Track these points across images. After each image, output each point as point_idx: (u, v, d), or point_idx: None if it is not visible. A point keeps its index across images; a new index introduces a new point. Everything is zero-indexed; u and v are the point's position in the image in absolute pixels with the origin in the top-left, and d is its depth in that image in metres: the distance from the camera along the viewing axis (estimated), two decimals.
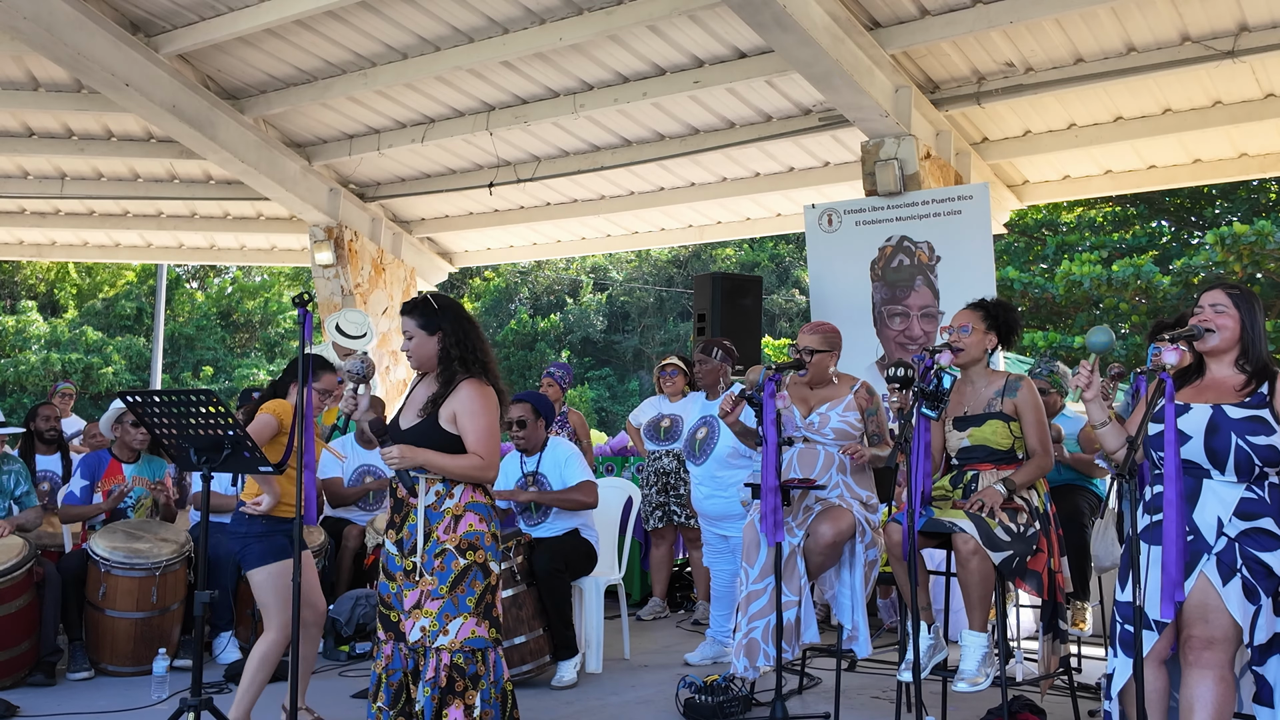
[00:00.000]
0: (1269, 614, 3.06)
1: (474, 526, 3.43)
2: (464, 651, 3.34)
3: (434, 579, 3.38)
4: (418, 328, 3.54)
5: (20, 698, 4.65)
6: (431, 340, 3.53)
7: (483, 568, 3.41)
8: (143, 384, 22.13)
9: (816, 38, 6.15)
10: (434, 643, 3.34)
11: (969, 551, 3.77)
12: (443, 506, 3.45)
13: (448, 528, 3.42)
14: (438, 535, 3.42)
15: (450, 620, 3.35)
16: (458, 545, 3.40)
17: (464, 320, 3.58)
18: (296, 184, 9.31)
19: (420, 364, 3.58)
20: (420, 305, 3.57)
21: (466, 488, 3.47)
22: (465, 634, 3.35)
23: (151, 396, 3.73)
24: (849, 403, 4.65)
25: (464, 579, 3.38)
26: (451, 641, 3.33)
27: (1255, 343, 3.20)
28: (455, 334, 3.52)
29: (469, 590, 3.37)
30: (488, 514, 3.48)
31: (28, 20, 6.75)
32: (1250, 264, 13.32)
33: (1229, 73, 6.77)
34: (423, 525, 3.44)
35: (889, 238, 7.25)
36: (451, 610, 3.35)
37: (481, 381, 3.50)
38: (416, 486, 3.47)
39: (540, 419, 5.46)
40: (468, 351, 3.51)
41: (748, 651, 4.43)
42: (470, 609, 3.36)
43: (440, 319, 3.53)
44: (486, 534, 3.45)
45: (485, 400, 3.48)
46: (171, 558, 5.25)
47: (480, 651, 3.38)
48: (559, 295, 29.37)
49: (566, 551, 5.18)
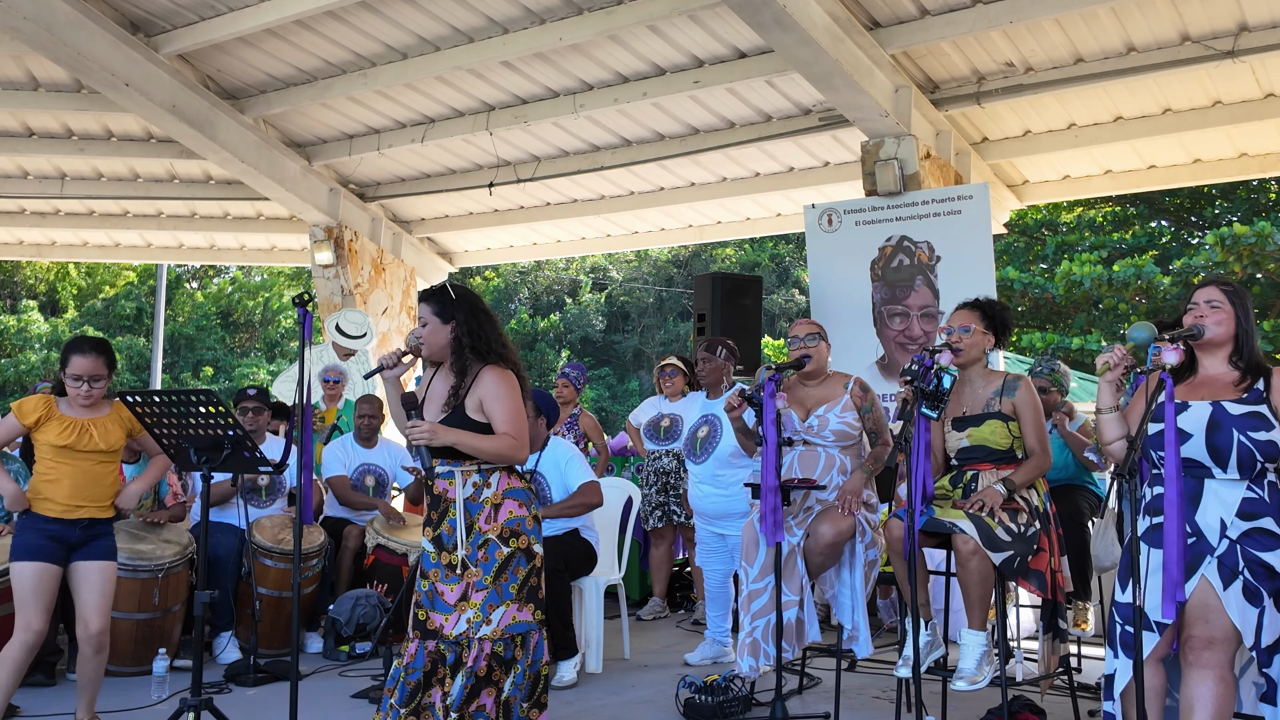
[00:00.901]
0: (1274, 615, 3.05)
1: (514, 513, 3.45)
2: (504, 639, 3.37)
3: (478, 570, 3.40)
4: (433, 314, 3.55)
5: (20, 698, 4.64)
6: (445, 329, 3.53)
7: (526, 553, 3.44)
8: (143, 384, 22.14)
9: (816, 38, 6.15)
10: (477, 634, 3.36)
11: (969, 551, 3.78)
12: (481, 497, 3.45)
13: (488, 517, 3.43)
14: (479, 526, 3.42)
15: (494, 610, 3.37)
16: (500, 534, 3.42)
17: (479, 310, 3.58)
18: (296, 184, 9.31)
19: (432, 352, 3.57)
20: (437, 293, 3.58)
21: (502, 475, 3.47)
22: (507, 621, 3.38)
23: (151, 397, 3.73)
24: (845, 403, 4.65)
25: (508, 566, 3.40)
26: (494, 630, 3.36)
27: (1248, 339, 3.22)
28: (468, 323, 3.53)
29: (513, 577, 3.40)
30: (526, 498, 3.50)
31: (28, 20, 6.75)
32: (1250, 264, 13.32)
33: (1229, 73, 6.77)
34: (463, 518, 3.43)
35: (889, 238, 7.25)
36: (495, 599, 3.38)
37: (502, 367, 3.51)
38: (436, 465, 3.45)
39: (541, 417, 5.45)
40: (479, 341, 3.52)
41: (752, 651, 4.44)
42: (513, 595, 3.39)
43: (455, 308, 3.54)
44: (528, 518, 3.47)
45: (508, 383, 3.49)
46: (174, 559, 5.25)
47: (521, 636, 3.40)
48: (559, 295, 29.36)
49: (566, 551, 5.18)
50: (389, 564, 5.91)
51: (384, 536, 6.00)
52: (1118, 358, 3.26)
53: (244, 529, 5.47)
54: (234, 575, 5.54)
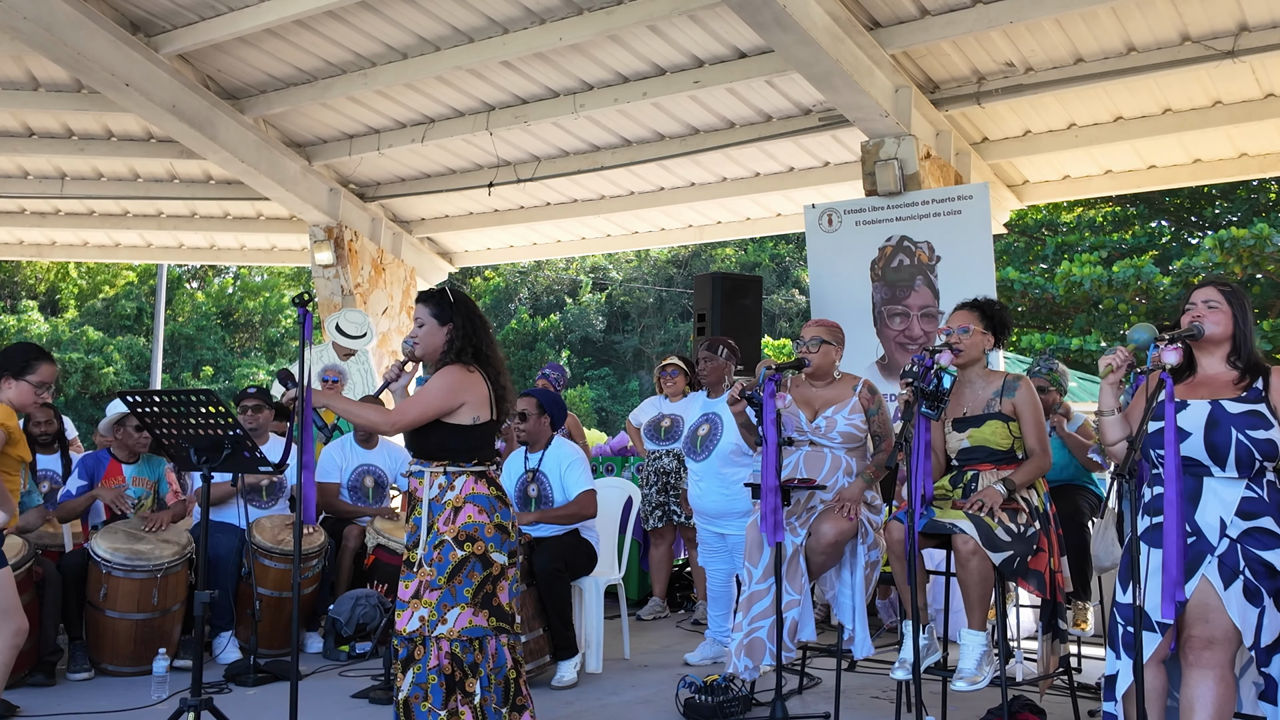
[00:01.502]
0: (1274, 614, 3.05)
1: (473, 518, 3.45)
2: (461, 641, 3.38)
3: (432, 570, 3.42)
4: (431, 316, 3.57)
5: (20, 698, 4.65)
6: (441, 331, 3.56)
7: (482, 559, 3.44)
8: (143, 384, 22.14)
9: (816, 38, 6.15)
10: (433, 631, 3.38)
11: (968, 552, 3.78)
12: (444, 499, 3.48)
13: (447, 519, 3.45)
14: (438, 527, 3.45)
15: (448, 610, 3.38)
16: (455, 537, 3.43)
17: (476, 316, 3.61)
18: (296, 184, 9.31)
19: (426, 353, 3.60)
20: (436, 295, 3.61)
21: (469, 479, 3.49)
22: (463, 623, 3.38)
23: (151, 396, 3.73)
24: (854, 405, 4.64)
25: (461, 570, 3.41)
26: (449, 630, 3.37)
27: (1246, 339, 3.23)
28: (465, 328, 3.56)
29: (466, 581, 3.40)
30: (490, 505, 3.49)
31: (28, 20, 6.75)
32: (1250, 265, 13.32)
33: (1229, 73, 6.77)
34: (426, 518, 3.48)
35: (889, 238, 7.25)
36: (449, 600, 3.39)
37: (459, 366, 3.53)
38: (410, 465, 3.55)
39: (545, 415, 5.46)
40: (468, 344, 3.55)
41: (750, 651, 4.43)
42: (468, 599, 3.39)
43: (454, 311, 3.57)
44: (488, 525, 3.46)
45: (443, 378, 3.51)
46: (173, 559, 5.25)
47: (478, 640, 3.41)
48: (559, 295, 29.37)
49: (566, 551, 5.18)
50: (389, 564, 5.91)
51: (384, 536, 6.00)
52: (1120, 359, 3.26)
53: (244, 529, 5.47)
54: (234, 575, 5.53)
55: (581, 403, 25.29)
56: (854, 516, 4.42)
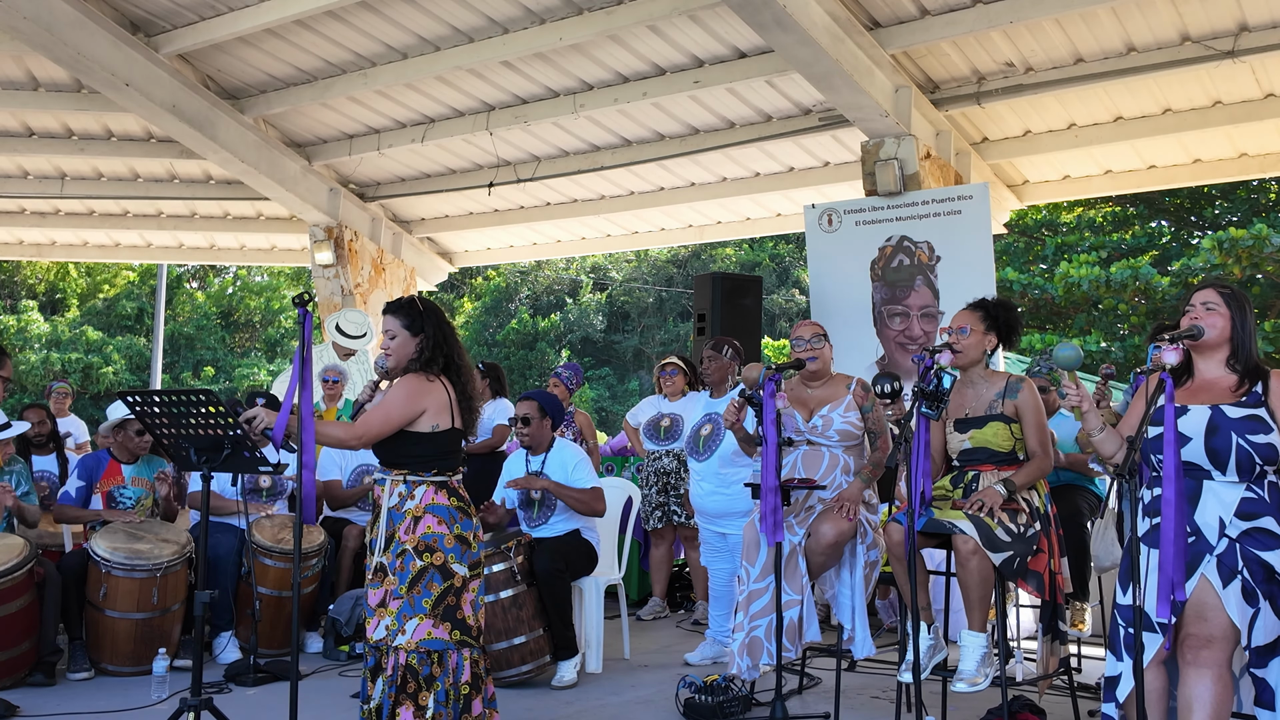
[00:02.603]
0: (1269, 616, 3.04)
1: (432, 529, 3.44)
2: (419, 652, 3.37)
3: (395, 578, 3.43)
4: (402, 327, 3.58)
5: (20, 698, 4.65)
6: (413, 341, 3.57)
7: (441, 570, 3.42)
8: (143, 384, 22.13)
9: (816, 38, 6.16)
10: (393, 641, 3.38)
11: (968, 552, 3.78)
12: (404, 507, 3.47)
13: (408, 529, 3.45)
14: (399, 536, 3.45)
15: (408, 620, 3.38)
16: (415, 546, 3.43)
17: (445, 325, 3.63)
18: (296, 184, 9.31)
19: (397, 363, 3.61)
20: (406, 306, 3.62)
21: (428, 489, 3.48)
22: (421, 635, 3.37)
23: (151, 396, 3.73)
24: (849, 402, 4.65)
25: (420, 580, 3.40)
26: (408, 641, 3.37)
27: (1245, 343, 3.21)
28: (435, 337, 3.57)
29: (425, 592, 3.40)
30: (450, 516, 3.48)
31: (28, 20, 6.75)
32: (1249, 266, 13.32)
33: (1229, 73, 6.77)
34: (384, 525, 3.48)
35: (889, 238, 7.25)
36: (409, 610, 3.39)
37: (418, 375, 3.53)
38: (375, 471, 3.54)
39: (547, 418, 5.44)
40: (439, 353, 3.56)
41: (750, 651, 4.43)
42: (426, 610, 3.38)
43: (425, 320, 3.58)
44: (447, 536, 3.45)
45: (403, 387, 3.51)
46: (172, 559, 5.25)
47: (438, 653, 3.39)
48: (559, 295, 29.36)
49: (567, 552, 5.18)
50: None
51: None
52: (1073, 397, 3.27)
53: (244, 529, 5.47)
54: (234, 575, 5.53)
55: (581, 403, 25.27)
56: (853, 517, 4.42)
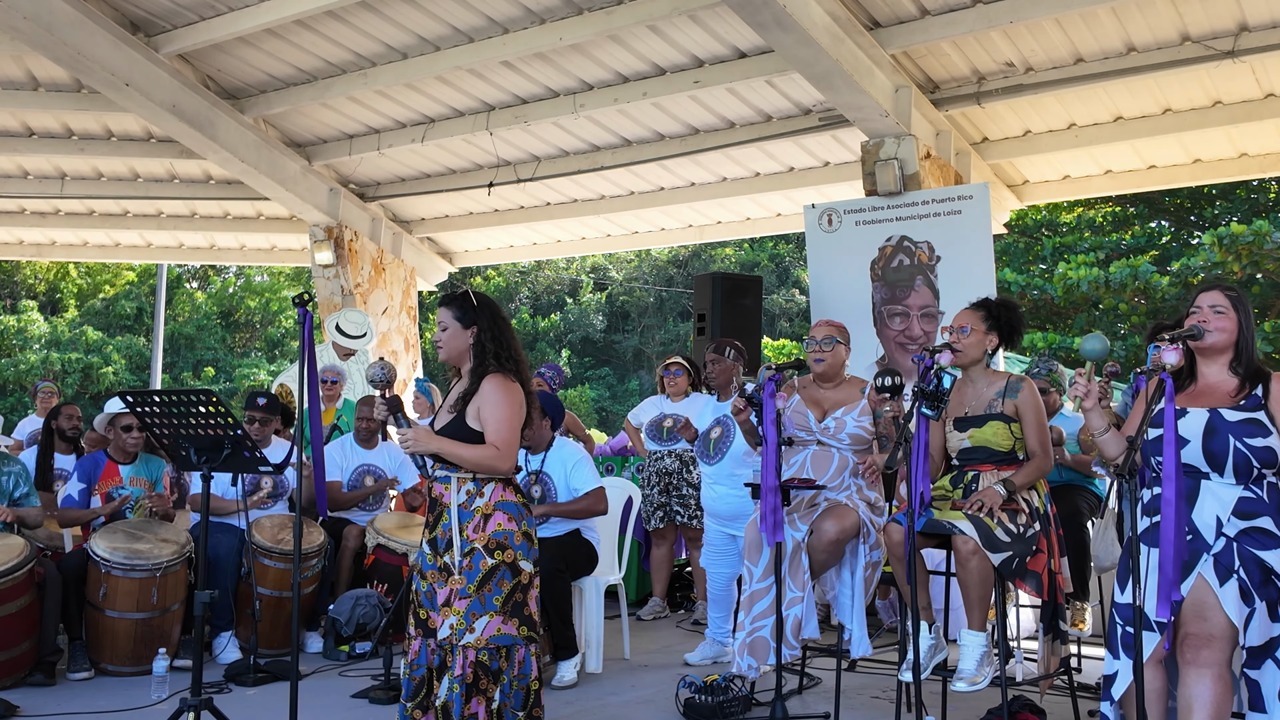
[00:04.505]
0: (1263, 617, 3.04)
1: (503, 526, 3.44)
2: (489, 649, 3.38)
3: (463, 578, 3.40)
4: (454, 319, 3.55)
5: (20, 698, 4.64)
6: (465, 334, 3.54)
7: (511, 567, 3.43)
8: (143, 384, 22.13)
9: (816, 38, 6.15)
10: (460, 640, 3.37)
11: (968, 552, 3.78)
12: (473, 505, 3.46)
13: (477, 526, 3.43)
14: (467, 534, 3.43)
15: (477, 619, 3.37)
16: (486, 544, 3.42)
17: (500, 318, 3.60)
18: (296, 184, 9.31)
19: (449, 356, 3.59)
20: (459, 299, 3.58)
21: (496, 486, 3.47)
22: (491, 631, 3.38)
23: (151, 396, 3.73)
24: (863, 407, 4.64)
25: (491, 578, 3.40)
26: (477, 639, 3.37)
27: (1249, 345, 3.21)
28: (491, 330, 3.54)
29: (496, 589, 3.40)
30: (518, 513, 3.49)
31: (28, 20, 6.75)
32: (1249, 264, 13.31)
33: (1229, 73, 6.77)
34: (456, 524, 3.45)
35: (889, 238, 7.25)
36: (478, 609, 3.38)
37: (507, 376, 3.51)
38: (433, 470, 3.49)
39: (546, 418, 5.46)
40: (502, 348, 3.53)
41: (753, 650, 4.43)
42: (497, 608, 3.39)
43: (477, 314, 3.55)
44: (517, 533, 3.46)
45: (508, 393, 3.48)
46: (172, 559, 5.25)
47: (506, 648, 3.40)
48: (559, 295, 29.37)
49: (567, 552, 5.18)
50: (389, 564, 5.91)
51: (384, 536, 6.00)
52: (1081, 387, 3.26)
53: (244, 529, 5.47)
54: (234, 575, 5.53)
55: (581, 403, 25.27)
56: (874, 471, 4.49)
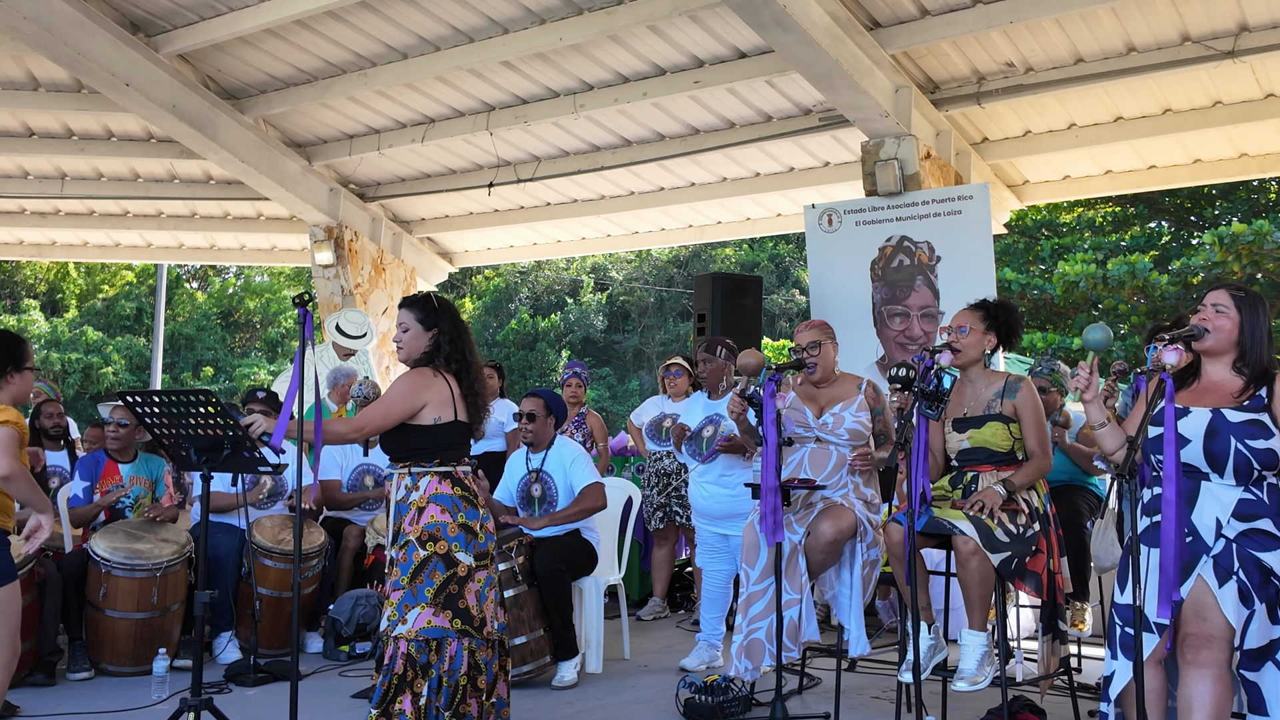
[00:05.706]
0: (1263, 619, 3.03)
1: (435, 518, 3.50)
2: (418, 641, 3.41)
3: (397, 570, 3.49)
4: (415, 321, 3.67)
5: (20, 698, 4.64)
6: (426, 336, 3.65)
7: (445, 559, 3.48)
8: (143, 384, 22.13)
9: (816, 38, 6.15)
10: (393, 631, 3.42)
11: (968, 552, 3.77)
12: (409, 499, 3.55)
13: (412, 520, 3.52)
14: (403, 527, 3.53)
15: (409, 610, 3.43)
16: (419, 536, 3.49)
17: (460, 322, 3.71)
18: (296, 184, 9.31)
19: (407, 357, 3.70)
20: (422, 301, 3.70)
21: (432, 480, 3.55)
22: (421, 623, 3.42)
23: (151, 396, 3.73)
24: (860, 403, 4.65)
25: (423, 570, 3.46)
26: (408, 631, 3.41)
27: (1255, 346, 3.17)
28: (450, 333, 3.65)
29: (428, 581, 3.45)
30: (454, 505, 3.54)
31: (28, 20, 6.75)
32: (1250, 264, 13.31)
33: (1229, 73, 6.77)
34: (393, 518, 3.58)
35: (889, 238, 7.25)
36: (410, 600, 3.44)
37: (430, 370, 3.61)
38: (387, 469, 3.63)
39: (551, 416, 5.46)
40: (455, 351, 3.64)
41: (749, 652, 4.43)
42: (428, 599, 3.43)
43: (439, 317, 3.66)
44: (451, 525, 3.51)
45: (405, 381, 3.60)
46: (172, 559, 5.25)
47: (436, 641, 3.43)
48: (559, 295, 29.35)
49: (567, 552, 5.18)
50: None
51: (384, 536, 6.00)
52: (1083, 379, 3.26)
53: (244, 529, 5.47)
54: (234, 575, 5.53)
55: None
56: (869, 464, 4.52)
